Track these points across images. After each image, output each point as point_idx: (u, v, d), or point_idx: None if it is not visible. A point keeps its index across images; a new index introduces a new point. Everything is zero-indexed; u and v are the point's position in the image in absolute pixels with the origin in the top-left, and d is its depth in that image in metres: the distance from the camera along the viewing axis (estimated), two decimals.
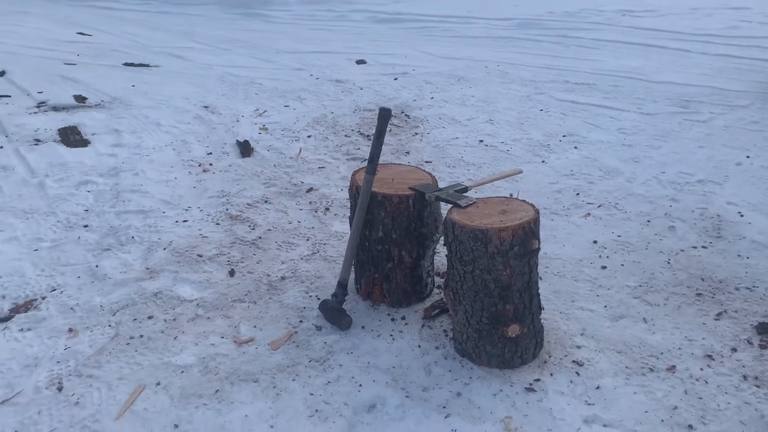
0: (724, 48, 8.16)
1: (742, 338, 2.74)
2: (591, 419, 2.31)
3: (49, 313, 2.90)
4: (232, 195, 4.11)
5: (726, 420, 2.31)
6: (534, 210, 2.44)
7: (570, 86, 6.66)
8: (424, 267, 2.92)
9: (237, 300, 3.03)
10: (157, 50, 8.28)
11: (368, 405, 2.39)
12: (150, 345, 2.70)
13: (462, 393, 2.43)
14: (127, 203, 3.93)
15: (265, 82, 6.78)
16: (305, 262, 3.37)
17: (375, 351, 2.66)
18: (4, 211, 3.78)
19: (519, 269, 2.38)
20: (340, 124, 5.53)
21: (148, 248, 3.45)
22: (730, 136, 5.12)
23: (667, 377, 2.52)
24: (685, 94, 6.28)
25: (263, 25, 10.55)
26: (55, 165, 4.39)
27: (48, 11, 10.81)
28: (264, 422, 2.31)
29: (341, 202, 4.05)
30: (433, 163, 4.70)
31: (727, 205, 3.96)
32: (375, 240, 2.80)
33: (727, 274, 3.23)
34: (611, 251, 3.47)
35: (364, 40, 9.34)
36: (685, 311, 2.94)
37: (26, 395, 2.42)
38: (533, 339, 2.56)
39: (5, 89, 5.87)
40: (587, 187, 4.28)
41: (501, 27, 10.11)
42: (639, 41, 8.76)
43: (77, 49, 7.99)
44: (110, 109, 5.57)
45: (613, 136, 5.23)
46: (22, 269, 3.23)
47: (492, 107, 5.99)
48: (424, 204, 2.73)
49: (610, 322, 2.87)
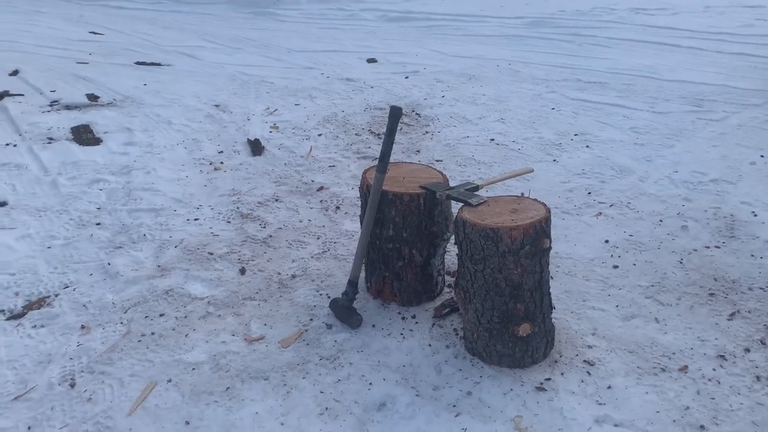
0: (738, 46, 8.09)
1: (755, 338, 2.72)
2: (602, 419, 2.30)
3: (61, 310, 2.92)
4: (243, 193, 4.12)
5: (738, 420, 2.29)
6: (545, 209, 2.43)
7: (582, 85, 6.62)
8: (435, 266, 2.92)
9: (248, 298, 3.04)
10: (168, 49, 8.32)
11: (378, 403, 2.39)
12: (161, 342, 2.72)
13: (472, 392, 2.43)
14: (139, 201, 3.95)
15: (276, 80, 6.79)
16: (316, 260, 3.38)
17: (385, 349, 2.66)
18: (18, 209, 3.81)
19: (530, 268, 2.37)
20: (351, 122, 5.53)
21: (160, 246, 3.47)
22: (744, 135, 5.08)
23: (679, 377, 2.50)
24: (698, 92, 6.23)
25: (274, 24, 10.57)
26: (68, 163, 4.42)
27: (61, 10, 10.89)
28: (274, 420, 2.31)
29: (352, 200, 4.05)
30: (444, 161, 4.69)
31: (741, 204, 3.93)
32: (386, 238, 2.80)
33: (740, 274, 3.20)
34: (623, 251, 3.45)
35: (374, 38, 9.33)
36: (697, 311, 2.92)
37: (39, 391, 2.44)
38: (544, 338, 2.55)
39: (19, 88, 5.91)
40: (599, 187, 4.25)
41: (513, 25, 10.08)
42: (652, 39, 8.70)
43: (90, 48, 8.04)
44: (122, 107, 5.61)
45: (625, 135, 5.20)
46: (35, 266, 3.26)
47: (503, 106, 5.97)
48: (434, 203, 2.73)
49: (621, 321, 2.85)
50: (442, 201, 2.73)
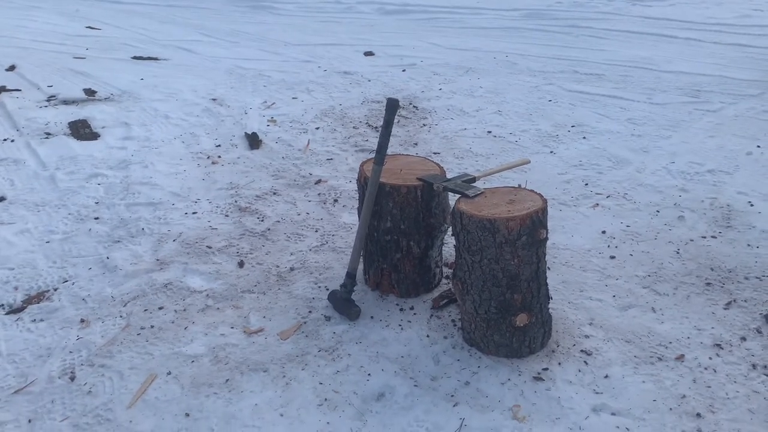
0: (735, 37, 8.08)
1: (751, 327, 2.74)
2: (599, 408, 2.32)
3: (61, 304, 2.93)
4: (241, 187, 4.12)
5: (734, 408, 2.31)
6: (542, 199, 2.44)
7: (579, 77, 6.62)
8: (433, 257, 2.93)
9: (246, 291, 3.05)
10: (165, 43, 8.30)
11: (377, 394, 2.41)
12: (161, 335, 2.73)
13: (470, 382, 2.44)
14: (137, 195, 3.96)
15: (273, 74, 6.79)
16: (314, 253, 3.39)
17: (384, 341, 2.68)
18: (16, 204, 3.82)
19: (527, 259, 2.38)
20: (348, 115, 5.53)
21: (158, 240, 3.48)
22: (741, 126, 5.09)
23: (675, 366, 2.52)
24: (695, 83, 6.23)
25: (271, 18, 10.54)
26: (66, 158, 4.43)
27: (57, 5, 10.85)
28: (274, 411, 2.33)
29: (349, 193, 4.05)
30: (442, 154, 4.70)
31: (737, 194, 3.94)
32: (383, 230, 2.81)
33: (736, 264, 3.22)
34: (620, 241, 3.47)
35: (372, 31, 9.32)
36: (694, 301, 2.94)
37: (39, 385, 2.45)
38: (541, 328, 2.56)
39: (16, 83, 5.91)
40: (596, 178, 4.26)
41: (509, 17, 10.06)
42: (649, 31, 8.69)
43: (86, 43, 8.02)
44: (120, 102, 5.60)
45: (622, 126, 5.20)
46: (34, 261, 3.26)
47: (500, 98, 5.98)
48: (432, 194, 2.73)
49: (618, 311, 2.87)
50: (439, 193, 2.74)
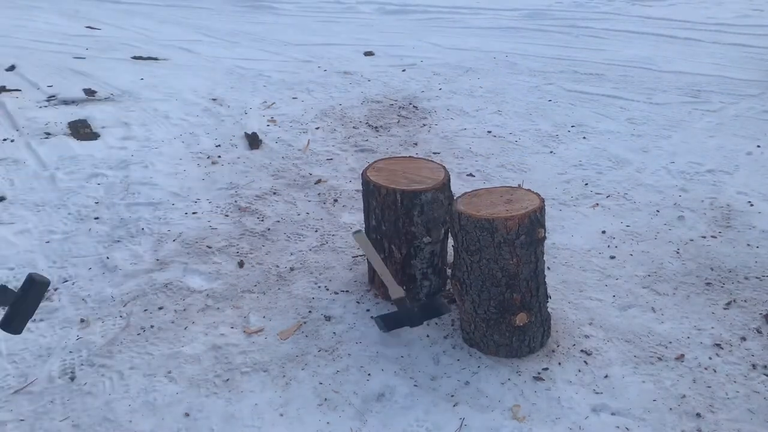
0: (735, 37, 8.08)
1: (751, 327, 2.74)
2: (599, 408, 2.32)
3: (61, 304, 2.93)
4: (241, 187, 4.12)
5: (734, 408, 2.31)
6: (539, 199, 2.44)
7: (579, 76, 6.62)
8: (418, 267, 2.86)
9: (246, 291, 3.05)
10: (165, 43, 8.29)
11: (377, 394, 2.41)
12: (161, 335, 2.73)
13: (470, 382, 2.45)
14: (137, 195, 3.95)
15: (273, 74, 6.78)
16: (314, 253, 3.39)
17: (384, 341, 2.68)
18: (16, 203, 3.81)
19: (526, 258, 2.38)
20: (348, 115, 5.53)
21: (158, 240, 3.48)
22: (741, 126, 5.09)
23: (675, 366, 2.52)
24: (695, 83, 6.23)
25: (271, 18, 10.54)
26: (66, 158, 4.42)
27: (57, 5, 10.84)
28: (274, 411, 2.33)
29: (349, 193, 4.06)
30: (441, 154, 4.70)
31: (737, 194, 3.94)
32: (371, 228, 2.87)
33: (736, 264, 3.22)
34: (620, 241, 3.47)
35: (371, 31, 9.31)
36: (694, 301, 2.94)
37: (40, 384, 2.45)
38: (540, 328, 2.56)
39: (15, 83, 5.90)
40: (596, 178, 4.26)
41: (509, 17, 10.05)
42: (648, 31, 8.68)
43: (86, 43, 8.01)
44: (119, 102, 5.60)
45: (622, 126, 5.20)
46: (34, 261, 3.26)
47: (500, 98, 5.97)
48: (413, 203, 2.68)
49: (618, 311, 2.87)
50: (422, 204, 2.68)
